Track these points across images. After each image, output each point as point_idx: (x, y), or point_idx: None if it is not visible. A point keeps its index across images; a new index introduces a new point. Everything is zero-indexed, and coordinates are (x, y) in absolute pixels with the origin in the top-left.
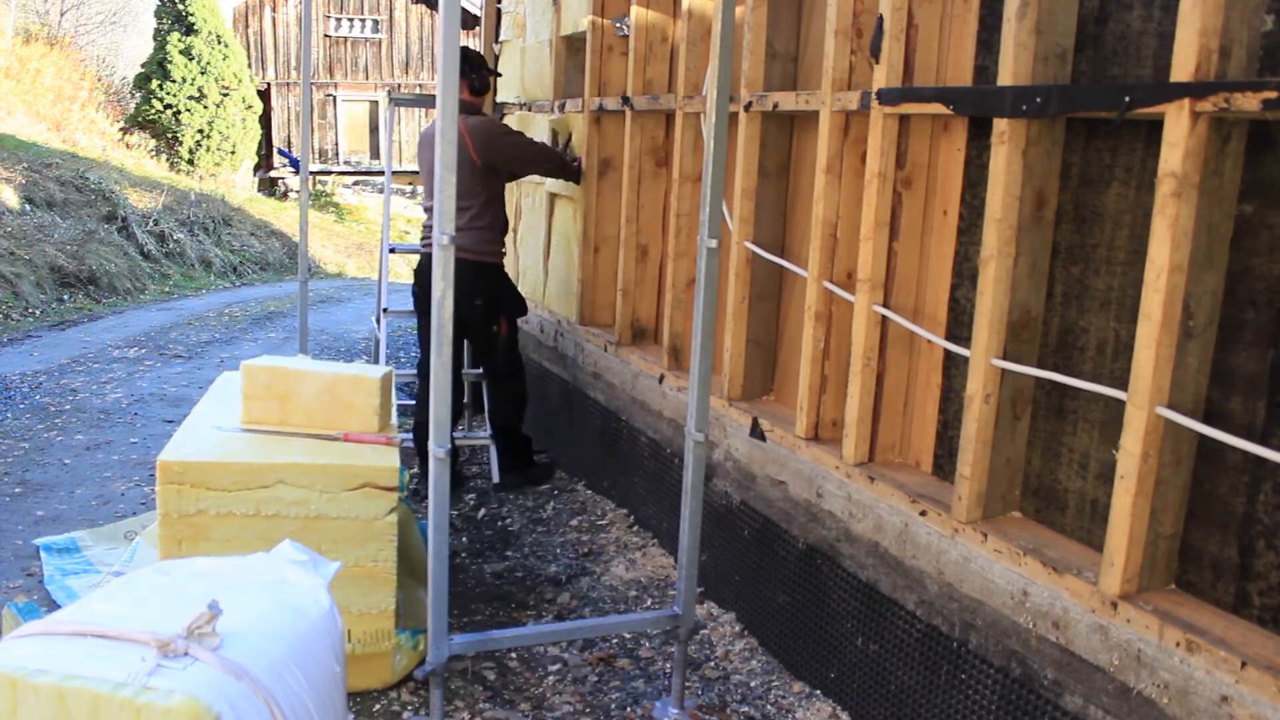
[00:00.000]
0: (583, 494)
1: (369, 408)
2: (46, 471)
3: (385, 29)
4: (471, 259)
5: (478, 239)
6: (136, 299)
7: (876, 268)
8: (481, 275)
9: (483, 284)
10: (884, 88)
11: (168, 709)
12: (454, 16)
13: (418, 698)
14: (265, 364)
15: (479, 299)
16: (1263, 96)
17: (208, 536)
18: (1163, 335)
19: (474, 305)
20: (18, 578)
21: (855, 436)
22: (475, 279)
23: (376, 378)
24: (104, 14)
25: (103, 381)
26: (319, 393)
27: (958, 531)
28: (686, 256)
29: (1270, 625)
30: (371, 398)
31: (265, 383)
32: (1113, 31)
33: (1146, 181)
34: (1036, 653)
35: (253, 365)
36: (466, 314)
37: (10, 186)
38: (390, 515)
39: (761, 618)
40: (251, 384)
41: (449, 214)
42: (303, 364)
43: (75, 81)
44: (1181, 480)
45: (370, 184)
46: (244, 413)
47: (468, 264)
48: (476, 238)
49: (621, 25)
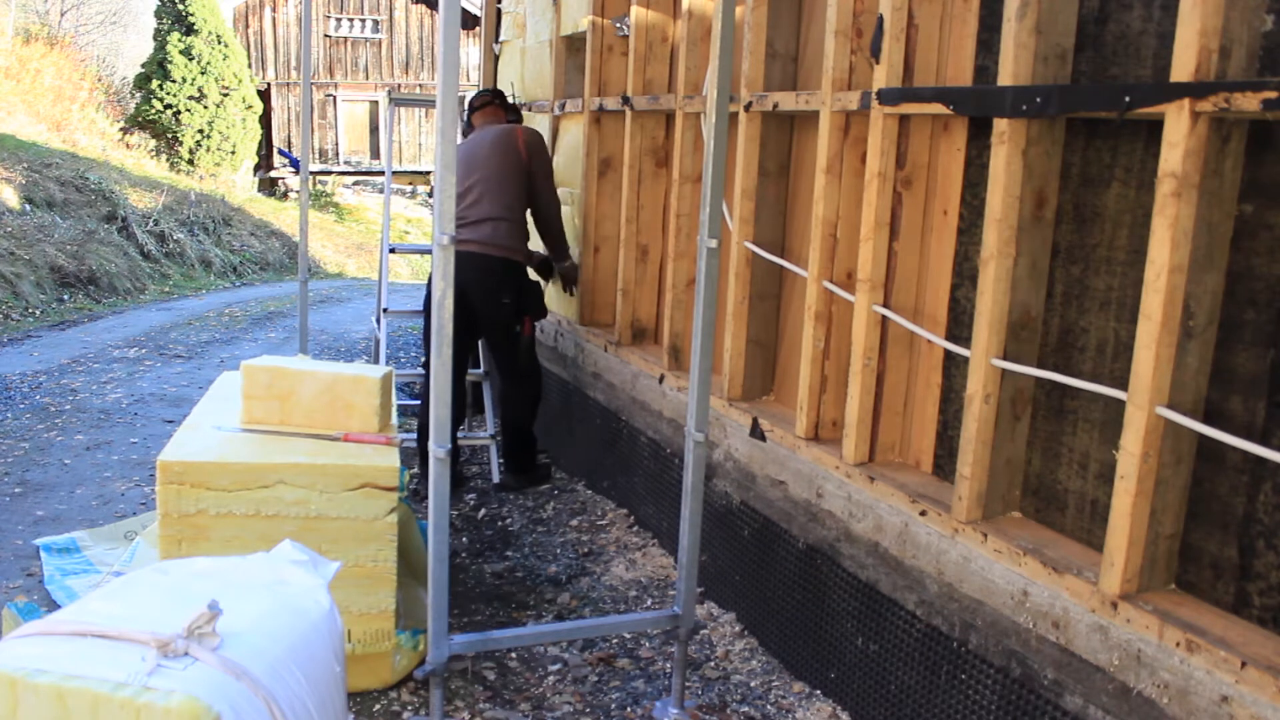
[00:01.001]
0: (583, 494)
1: (369, 408)
2: (46, 471)
3: (385, 29)
4: (501, 255)
5: (508, 233)
6: (136, 299)
7: (876, 268)
8: (510, 273)
9: (511, 282)
10: (884, 88)
11: (168, 709)
12: (454, 16)
13: (418, 698)
14: (266, 364)
15: (507, 297)
16: (1263, 96)
17: (208, 536)
18: (1163, 335)
19: (501, 303)
20: (18, 578)
21: (855, 436)
22: (504, 276)
23: (377, 378)
24: (104, 14)
25: (103, 381)
26: (319, 393)
27: (958, 531)
28: (686, 256)
29: (1270, 625)
30: (372, 398)
31: (266, 383)
32: (1113, 31)
33: (1146, 181)
34: (1036, 653)
35: (253, 365)
36: (493, 312)
37: (10, 186)
38: (390, 515)
39: (761, 618)
40: (252, 384)
41: (449, 213)
42: (303, 364)
43: (75, 81)
44: (1181, 480)
45: (370, 184)
46: (244, 413)
47: (496, 260)
48: (508, 232)
49: (621, 25)
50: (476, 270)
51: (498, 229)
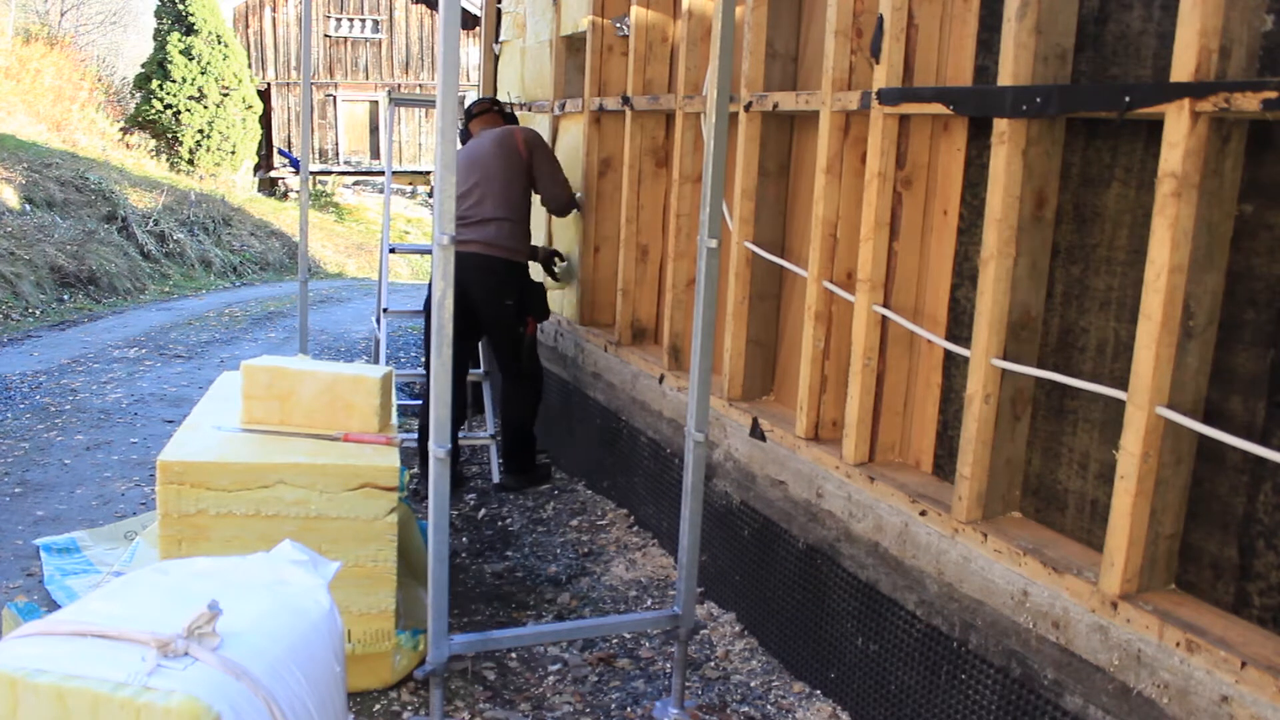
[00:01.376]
0: (583, 494)
1: (369, 408)
2: (46, 471)
3: (385, 29)
4: (505, 256)
5: (511, 234)
6: (136, 299)
7: (876, 268)
8: (513, 273)
9: (513, 283)
10: (884, 88)
11: (168, 709)
12: (454, 16)
13: (418, 698)
14: (266, 364)
15: (510, 298)
16: (1263, 96)
17: (208, 536)
18: (1163, 335)
19: (504, 304)
20: (18, 578)
21: (855, 436)
22: (506, 277)
23: (377, 378)
24: (104, 14)
25: (103, 381)
26: (319, 393)
27: (958, 531)
28: (686, 256)
29: (1270, 625)
30: (372, 398)
31: (265, 383)
32: (1113, 31)
33: (1146, 181)
34: (1036, 653)
35: (253, 365)
36: (496, 312)
37: (10, 186)
38: (390, 515)
39: (761, 618)
40: (252, 384)
41: (449, 213)
42: (303, 364)
43: (75, 81)
44: (1181, 480)
45: (370, 184)
46: (244, 413)
47: (499, 261)
48: (510, 232)
49: (621, 25)
50: (479, 270)
51: (500, 229)
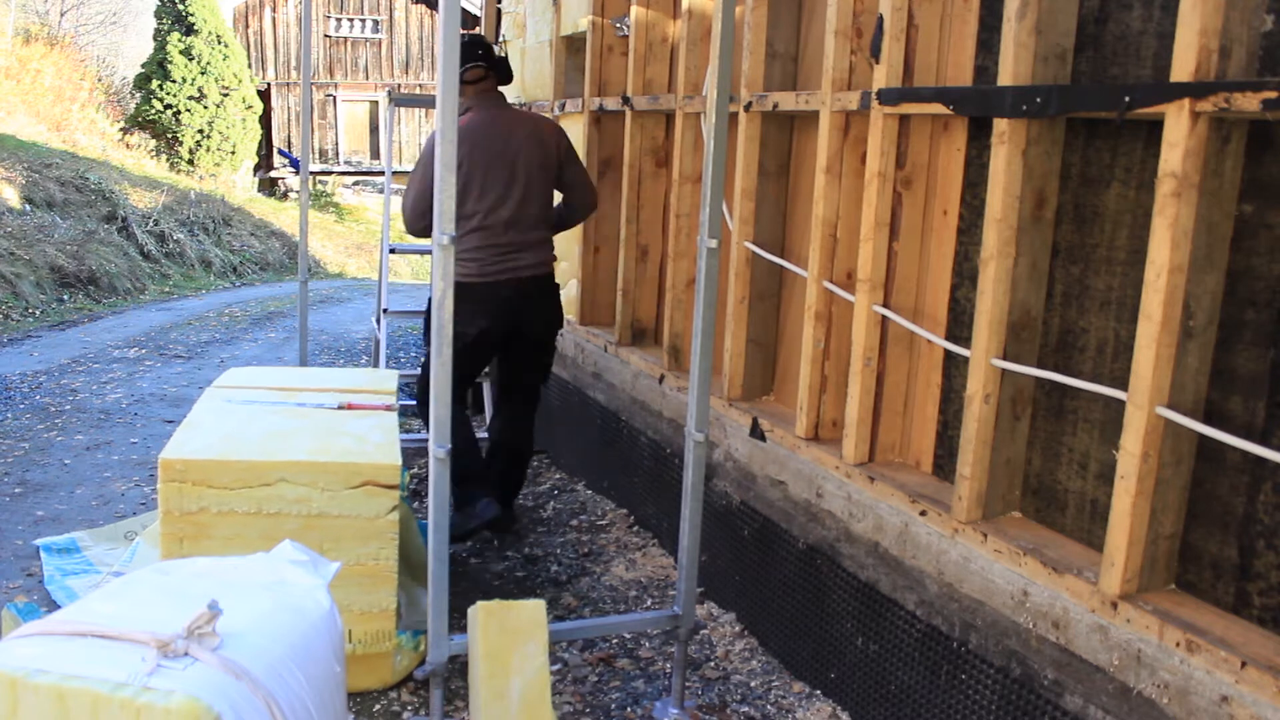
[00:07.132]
0: (583, 494)
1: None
2: (46, 471)
3: (385, 29)
4: (548, 274)
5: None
6: (136, 299)
7: (876, 268)
8: (553, 292)
9: (555, 302)
10: (884, 88)
11: (168, 709)
12: (454, 16)
13: (418, 698)
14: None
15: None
16: (1263, 96)
17: (209, 534)
18: (1163, 335)
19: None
20: (18, 578)
21: (855, 436)
22: (553, 297)
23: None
24: (104, 14)
25: (103, 381)
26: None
27: (958, 531)
28: (686, 256)
29: (1270, 625)
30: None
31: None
32: (1113, 31)
33: (1146, 181)
34: (1036, 653)
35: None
36: (551, 337)
37: (10, 186)
38: (392, 513)
39: (761, 618)
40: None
41: (449, 213)
42: (305, 377)
43: (75, 82)
44: (1181, 480)
45: (370, 184)
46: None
47: (551, 280)
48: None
49: (621, 25)
50: (543, 295)
51: (546, 243)
